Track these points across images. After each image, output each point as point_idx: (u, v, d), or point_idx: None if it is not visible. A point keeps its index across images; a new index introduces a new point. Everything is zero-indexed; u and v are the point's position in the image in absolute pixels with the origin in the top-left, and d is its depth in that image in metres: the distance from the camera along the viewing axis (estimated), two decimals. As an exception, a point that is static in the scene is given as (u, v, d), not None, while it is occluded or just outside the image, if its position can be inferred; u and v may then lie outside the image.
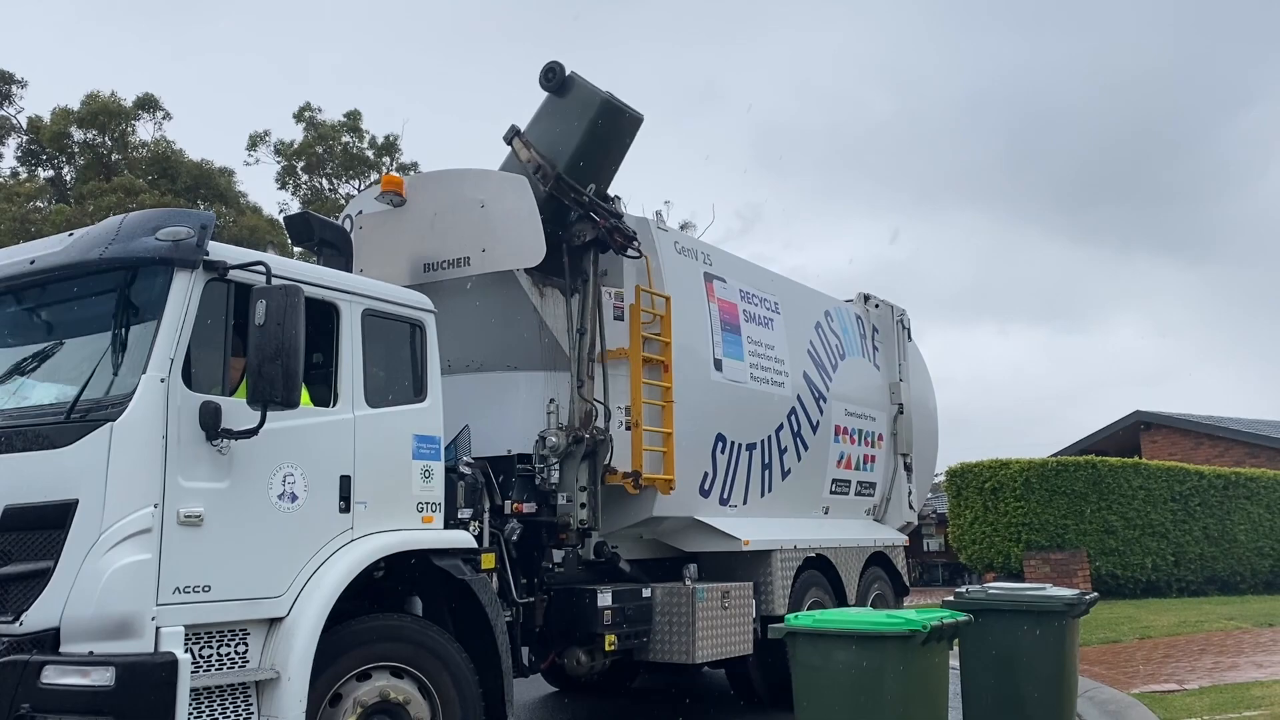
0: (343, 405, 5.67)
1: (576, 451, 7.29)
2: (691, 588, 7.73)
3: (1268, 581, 19.99)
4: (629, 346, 7.71)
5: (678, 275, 8.29)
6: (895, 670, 4.77)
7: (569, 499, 7.27)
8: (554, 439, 7.25)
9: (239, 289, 5.23)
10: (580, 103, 7.56)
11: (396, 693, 5.49)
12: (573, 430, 7.28)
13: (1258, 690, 8.70)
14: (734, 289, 9.04)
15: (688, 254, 8.59)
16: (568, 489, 7.27)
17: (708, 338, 8.51)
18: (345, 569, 5.38)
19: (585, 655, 7.39)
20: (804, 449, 9.76)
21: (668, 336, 7.97)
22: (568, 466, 7.29)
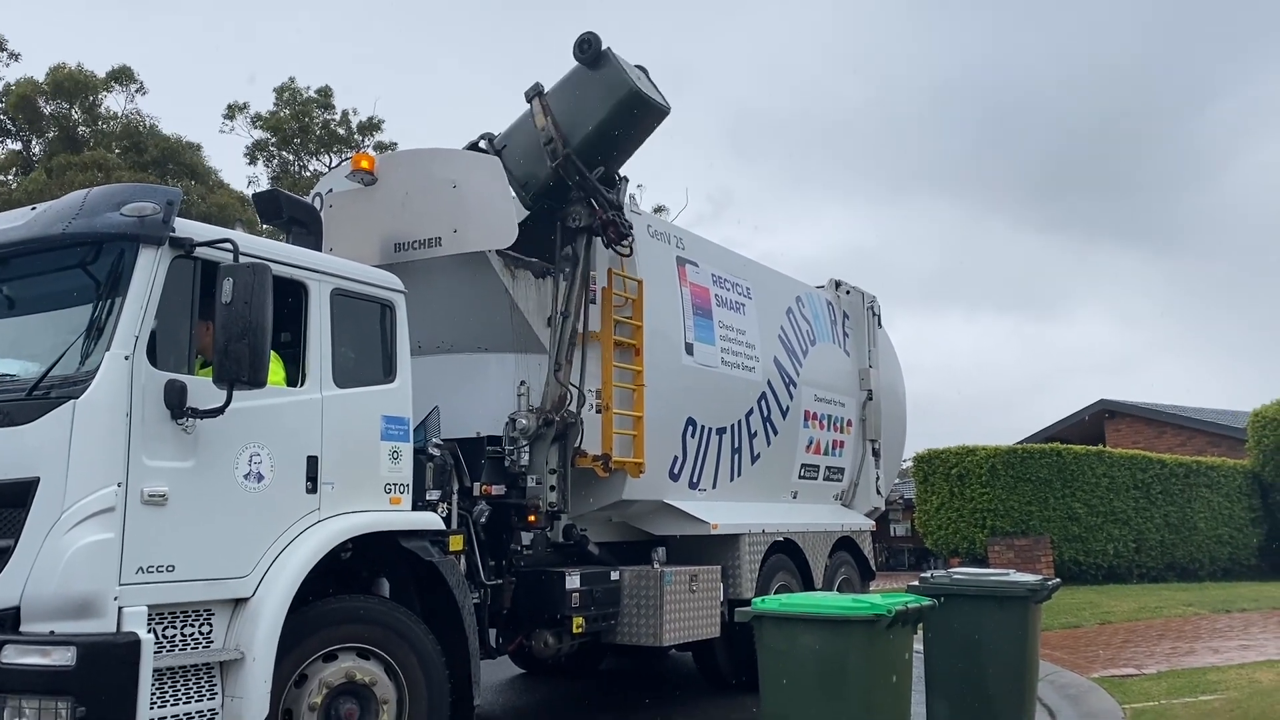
0: (310, 385, 5.61)
1: (547, 434, 7.28)
2: (659, 571, 7.74)
3: (1225, 569, 20.31)
4: (601, 330, 7.69)
5: (650, 259, 8.27)
6: (860, 654, 4.79)
7: (538, 481, 7.26)
8: (524, 421, 7.23)
9: (206, 266, 5.15)
10: (608, 84, 7.36)
11: (363, 674, 5.46)
12: (543, 413, 7.26)
13: (1214, 675, 8.82)
14: (706, 273, 9.03)
15: (660, 238, 8.57)
16: (537, 471, 7.26)
17: (679, 322, 8.50)
18: (311, 550, 5.33)
19: (553, 637, 7.38)
20: (774, 434, 9.79)
21: (639, 320, 7.96)
22: (538, 449, 7.28)
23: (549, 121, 7.28)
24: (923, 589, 6.23)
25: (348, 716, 5.38)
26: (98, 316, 4.93)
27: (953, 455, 18.75)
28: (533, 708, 8.94)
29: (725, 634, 8.42)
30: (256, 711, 4.87)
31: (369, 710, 5.48)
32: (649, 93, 7.49)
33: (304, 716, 5.26)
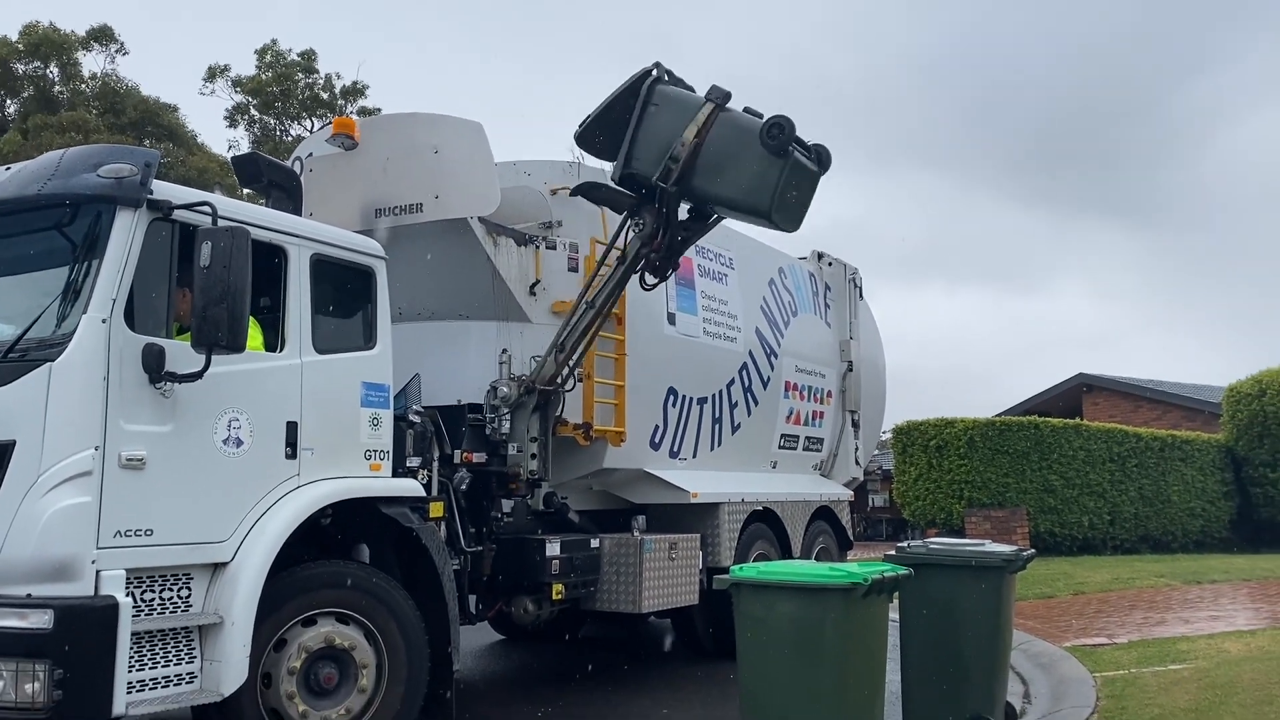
0: (290, 350, 5.59)
1: (528, 402, 7.28)
2: (639, 539, 7.78)
3: (1198, 541, 20.58)
4: (583, 298, 7.66)
5: (632, 228, 8.22)
6: (836, 621, 4.74)
7: (519, 449, 7.27)
8: (505, 389, 7.22)
9: (184, 230, 5.10)
10: (768, 177, 6.48)
11: (342, 638, 5.48)
12: (524, 381, 7.25)
13: (1183, 645, 8.93)
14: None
15: (644, 207, 8.52)
16: (518, 439, 7.27)
17: (662, 292, 8.47)
18: (291, 515, 5.33)
19: (532, 604, 7.42)
20: (754, 404, 9.82)
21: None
22: (519, 417, 7.28)
23: (692, 145, 6.53)
24: (899, 558, 6.25)
25: (327, 680, 5.40)
26: (74, 279, 4.88)
27: (931, 427, 18.87)
28: (511, 673, 9.00)
29: (704, 601, 8.48)
30: (235, 675, 4.89)
31: (348, 674, 5.50)
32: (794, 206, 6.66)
33: (283, 680, 5.27)
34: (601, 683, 8.29)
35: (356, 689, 5.50)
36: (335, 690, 5.45)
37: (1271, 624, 10.13)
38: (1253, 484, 21.01)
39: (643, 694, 7.90)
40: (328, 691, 5.43)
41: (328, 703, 5.42)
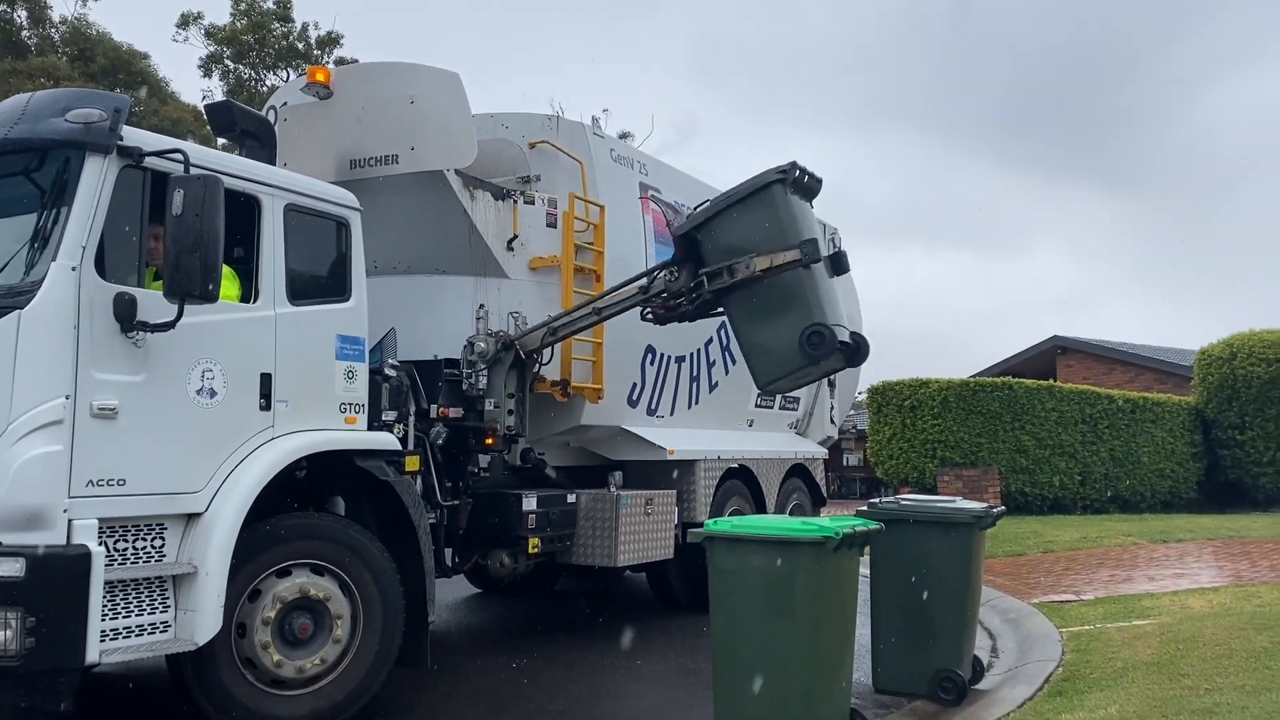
0: (264, 302, 5.56)
1: (505, 358, 7.26)
2: (616, 494, 7.82)
3: (1165, 501, 20.85)
4: (561, 255, 7.64)
5: (613, 184, 8.19)
6: (807, 575, 4.77)
7: (496, 405, 7.26)
8: (482, 345, 7.19)
9: (156, 177, 5.05)
10: (797, 357, 6.43)
11: (317, 590, 5.49)
12: (502, 337, 7.23)
13: (1148, 601, 9.06)
14: (669, 199, 8.96)
15: (624, 163, 8.48)
16: (495, 395, 7.26)
17: (641, 249, 8.46)
18: (265, 466, 5.33)
19: (509, 557, 7.47)
20: (732, 363, 9.83)
21: (601, 246, 7.91)
22: (496, 373, 7.26)
23: (755, 274, 6.23)
24: (871, 514, 6.28)
25: (301, 631, 5.43)
26: (43, 226, 4.82)
27: (906, 387, 18.98)
28: (487, 625, 9.06)
29: (678, 556, 8.56)
30: (209, 625, 4.90)
31: (323, 625, 5.53)
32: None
33: (257, 630, 5.29)
34: (576, 635, 8.38)
35: (331, 639, 5.53)
36: (310, 640, 5.48)
37: (1234, 582, 10.13)
38: (1221, 446, 21.26)
39: (617, 645, 7.99)
40: (302, 641, 5.45)
41: (302, 652, 5.45)
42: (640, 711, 6.26)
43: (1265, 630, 6.99)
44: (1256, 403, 20.51)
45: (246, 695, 5.27)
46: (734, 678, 4.98)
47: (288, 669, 5.38)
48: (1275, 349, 20.40)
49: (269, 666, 5.33)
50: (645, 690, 6.79)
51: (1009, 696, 6.31)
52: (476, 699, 6.28)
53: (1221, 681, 5.68)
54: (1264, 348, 20.51)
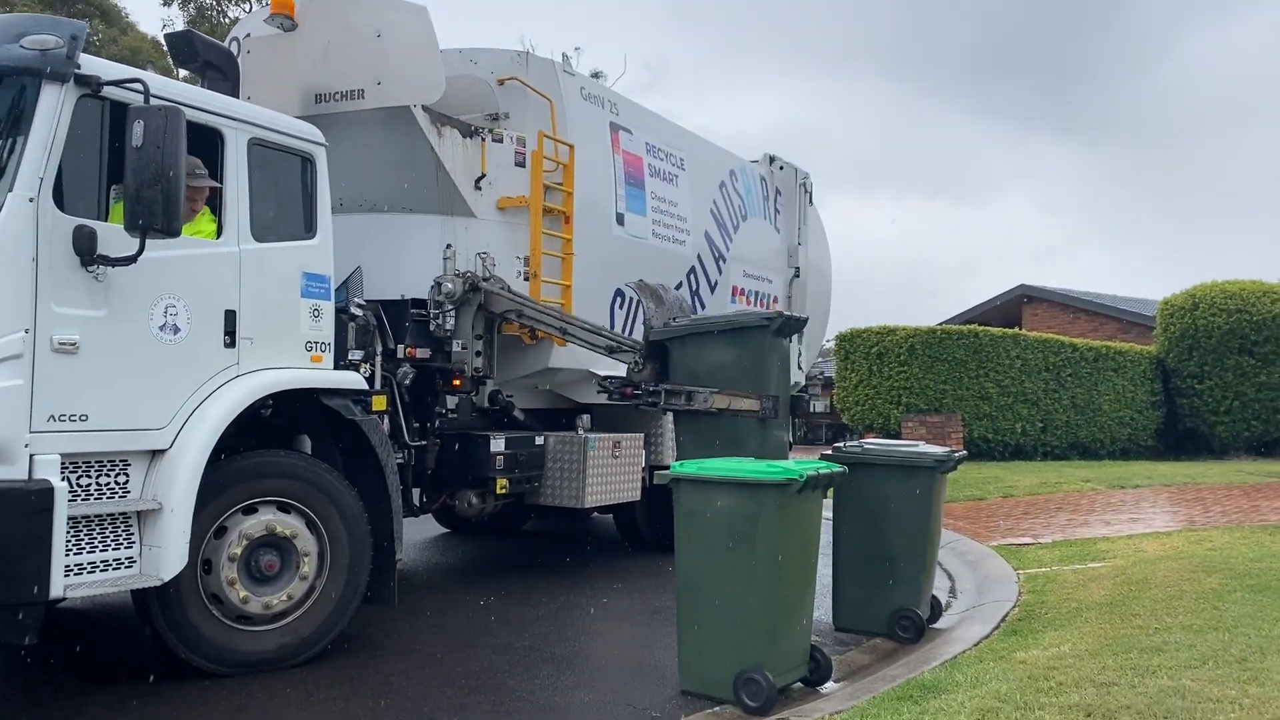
0: (228, 238, 5.48)
1: (473, 299, 7.21)
2: (584, 437, 7.85)
3: (1124, 448, 21.23)
4: (530, 195, 7.57)
5: (583, 123, 8.10)
6: (771, 516, 4.84)
7: (463, 347, 7.23)
8: (450, 285, 7.14)
9: (115, 108, 4.94)
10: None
11: (283, 527, 5.50)
12: (469, 278, 7.18)
13: (1103, 545, 9.24)
14: (640, 142, 8.89)
15: (594, 101, 8.38)
16: (463, 336, 7.23)
17: (611, 191, 8.40)
18: (231, 404, 5.29)
19: (477, 498, 7.50)
20: (701, 308, 9.84)
21: (570, 187, 7.85)
22: (463, 314, 7.22)
23: (712, 410, 6.32)
24: (835, 457, 6.36)
25: (268, 567, 5.44)
26: (-2, 157, 4.70)
27: (874, 335, 19.10)
28: (455, 565, 9.12)
29: (645, 498, 8.63)
30: (175, 561, 4.90)
31: (290, 563, 5.54)
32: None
33: (224, 566, 5.30)
34: (544, 574, 8.45)
35: (298, 576, 5.55)
36: (277, 577, 5.50)
37: (1187, 526, 10.35)
38: (1180, 395, 21.59)
39: (584, 584, 8.08)
40: (269, 578, 5.47)
41: (269, 589, 5.47)
42: (606, 647, 6.33)
43: (1214, 573, 7.16)
44: (1216, 353, 20.80)
45: (212, 631, 5.29)
46: (698, 615, 5.06)
47: (254, 605, 5.40)
48: (1236, 300, 20.64)
49: (235, 602, 5.35)
50: (611, 627, 6.87)
51: (966, 635, 6.41)
52: (444, 636, 6.33)
53: (1171, 621, 5.81)
54: (1225, 299, 20.75)
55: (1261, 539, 9.07)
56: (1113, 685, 4.55)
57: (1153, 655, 5.05)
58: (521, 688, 5.28)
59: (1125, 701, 4.29)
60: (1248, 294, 20.73)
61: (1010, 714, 4.20)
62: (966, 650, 5.94)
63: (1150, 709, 4.19)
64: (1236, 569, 7.28)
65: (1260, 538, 9.19)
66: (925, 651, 6.12)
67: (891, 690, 4.97)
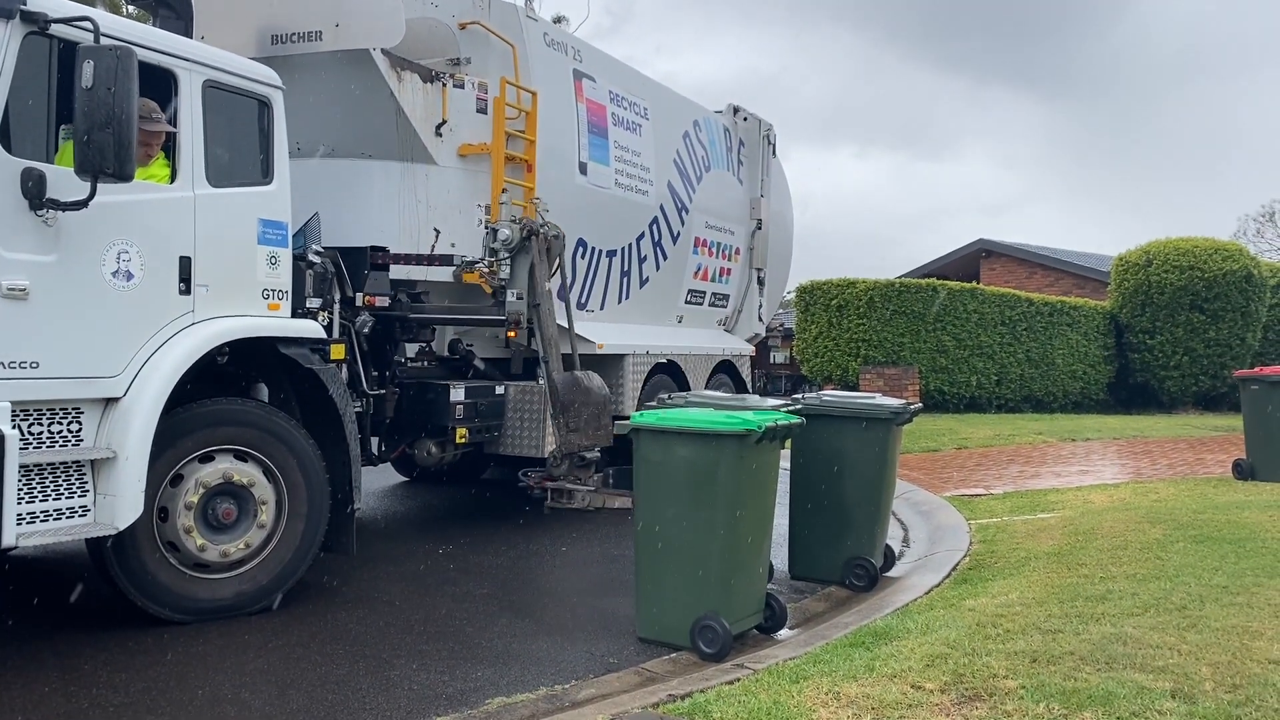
0: (182, 183, 5.36)
1: (529, 247, 7.02)
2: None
3: (1076, 402, 21.58)
4: (491, 142, 7.47)
5: (546, 70, 8.00)
6: (730, 466, 4.88)
7: (519, 296, 7.08)
8: (506, 232, 6.99)
9: (63, 47, 4.79)
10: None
11: (240, 475, 5.47)
12: (526, 223, 6.97)
13: (1053, 496, 9.43)
14: (604, 90, 8.80)
15: (558, 48, 8.27)
16: (518, 285, 7.08)
17: (574, 139, 8.33)
18: (186, 352, 5.22)
19: (436, 447, 7.50)
20: (663, 259, 9.84)
21: (533, 135, 7.76)
22: (519, 262, 7.08)
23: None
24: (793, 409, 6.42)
25: (225, 515, 5.42)
26: (-61, 95, 4.55)
27: (834, 287, 19.17)
28: (414, 513, 9.13)
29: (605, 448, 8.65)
30: (129, 509, 4.86)
31: (247, 511, 5.52)
32: None
33: (180, 515, 5.27)
34: (502, 523, 8.47)
35: (256, 524, 5.53)
36: (234, 525, 5.47)
37: (1134, 478, 10.59)
38: (1132, 350, 21.92)
39: (542, 533, 8.12)
40: (226, 526, 5.44)
41: (226, 537, 5.45)
42: (564, 595, 6.38)
43: (1159, 524, 7.32)
44: (1168, 309, 21.13)
45: (169, 578, 5.27)
46: (656, 563, 5.10)
47: (211, 553, 5.38)
48: (1189, 257, 20.94)
49: (192, 550, 5.32)
50: (569, 575, 6.92)
51: (918, 583, 6.51)
52: (403, 583, 6.34)
53: (1115, 570, 5.93)
54: (1179, 255, 21.04)
55: (1205, 491, 9.28)
56: (1058, 632, 4.63)
57: (1097, 603, 5.15)
58: (480, 635, 5.28)
59: (1069, 647, 4.38)
60: (1200, 251, 20.98)
61: (959, 660, 4.28)
62: (918, 598, 6.02)
63: (1093, 654, 4.27)
64: (1180, 520, 7.43)
65: (1204, 490, 9.39)
66: (878, 599, 6.21)
67: (844, 637, 5.04)
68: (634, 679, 4.60)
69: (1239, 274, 20.71)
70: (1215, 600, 5.15)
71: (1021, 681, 4.01)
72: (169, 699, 4.23)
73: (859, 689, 4.01)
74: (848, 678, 4.17)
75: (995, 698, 3.88)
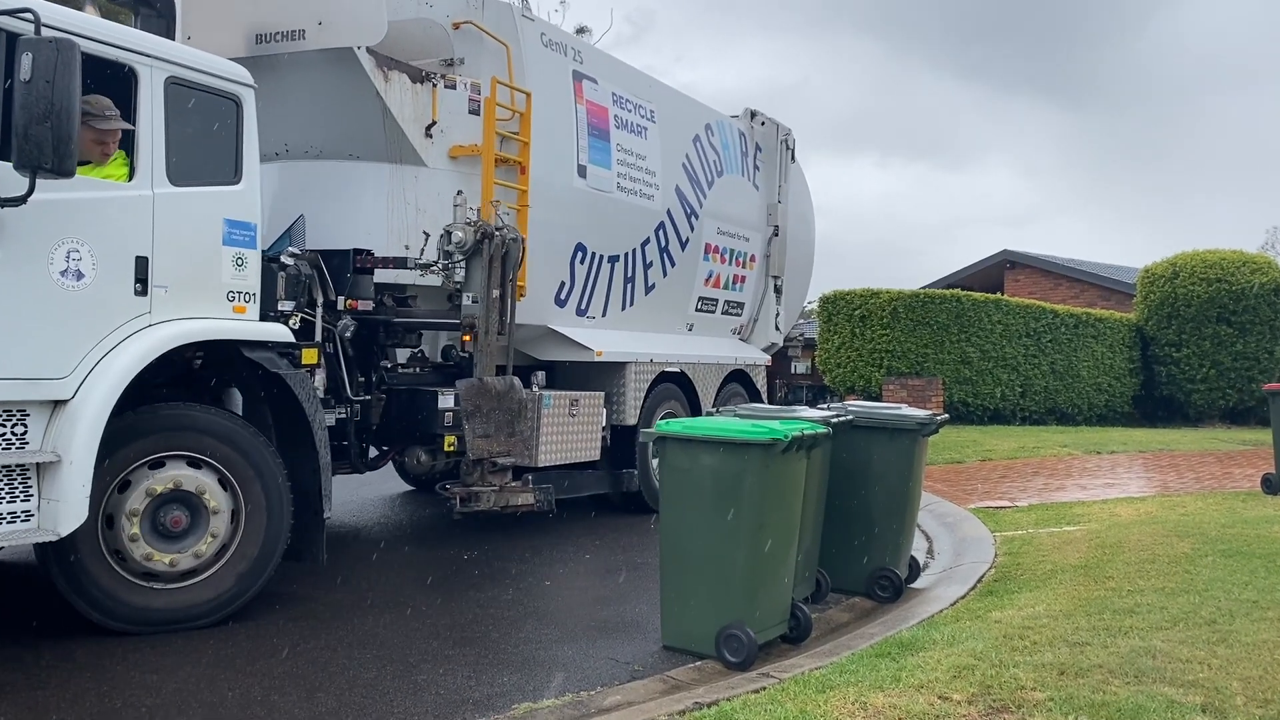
0: (140, 180, 4.95)
1: (485, 249, 6.46)
2: (538, 394, 7.30)
3: (1101, 415, 20.75)
4: (481, 143, 6.97)
5: (542, 70, 7.49)
6: (755, 475, 4.73)
7: (474, 300, 6.54)
8: (460, 234, 6.39)
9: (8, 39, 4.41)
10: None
11: (190, 483, 5.02)
12: (481, 226, 6.43)
13: (1079, 509, 8.99)
14: (606, 92, 8.28)
15: (556, 48, 7.76)
16: (474, 289, 6.52)
17: (573, 141, 7.81)
18: (139, 354, 4.79)
19: (426, 454, 6.99)
20: (671, 265, 9.29)
21: (527, 136, 7.25)
22: (474, 265, 6.50)
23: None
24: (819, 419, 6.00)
25: (174, 524, 4.98)
26: None
27: (857, 297, 18.53)
28: (437, 519, 8.66)
29: (606, 458, 8.12)
30: (74, 515, 4.45)
31: (199, 520, 5.08)
32: None
33: (125, 522, 4.85)
34: (525, 530, 8.01)
35: (208, 533, 5.09)
36: (185, 534, 5.05)
37: (1161, 491, 10.12)
38: (1158, 362, 21.11)
39: (566, 540, 7.73)
40: (176, 535, 5.02)
41: (175, 545, 5.02)
42: (589, 602, 6.04)
43: (1187, 537, 6.98)
44: (1194, 321, 20.32)
45: (114, 586, 4.86)
46: (681, 572, 4.94)
47: (159, 562, 4.96)
48: (1216, 269, 20.16)
49: (138, 559, 4.91)
50: (594, 583, 6.56)
51: (943, 595, 6.26)
52: (429, 588, 6.06)
53: (1143, 584, 5.69)
54: (1205, 268, 20.26)
55: (1233, 505, 8.89)
56: (1085, 645, 4.46)
57: (1125, 617, 4.95)
58: (505, 641, 5.11)
59: (1097, 660, 4.20)
60: (1227, 263, 20.20)
61: (985, 671, 4.12)
62: (943, 610, 5.80)
63: (1121, 668, 4.11)
64: (1208, 534, 7.11)
65: (1232, 504, 9.00)
66: (903, 610, 5.98)
67: (870, 648, 4.85)
68: (659, 686, 4.46)
69: (1267, 286, 19.86)
70: (1245, 615, 4.95)
71: (1050, 694, 3.86)
72: (200, 700, 4.10)
73: (885, 699, 3.87)
74: (874, 688, 4.02)
75: (1023, 710, 3.75)
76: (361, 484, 9.49)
